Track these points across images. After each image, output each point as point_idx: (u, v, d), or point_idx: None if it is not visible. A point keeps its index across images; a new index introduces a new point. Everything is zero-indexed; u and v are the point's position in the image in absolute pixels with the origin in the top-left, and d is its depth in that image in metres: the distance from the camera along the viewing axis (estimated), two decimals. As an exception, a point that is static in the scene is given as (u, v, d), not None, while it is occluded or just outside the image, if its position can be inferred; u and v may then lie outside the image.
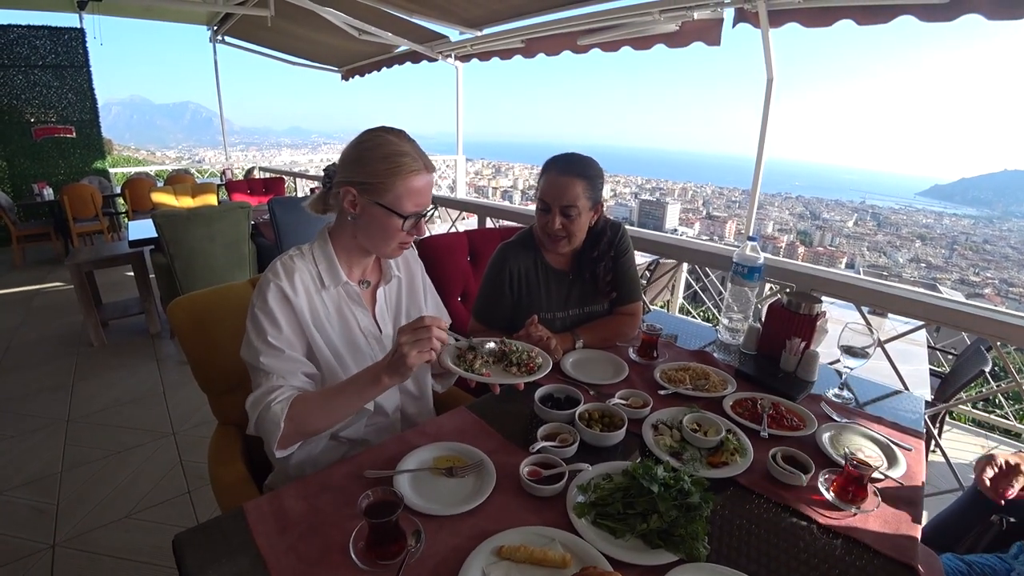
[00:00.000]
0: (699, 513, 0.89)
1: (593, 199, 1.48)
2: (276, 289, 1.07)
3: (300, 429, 0.98)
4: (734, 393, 1.34)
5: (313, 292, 1.12)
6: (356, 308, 1.19)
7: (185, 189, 5.30)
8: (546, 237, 1.52)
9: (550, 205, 1.46)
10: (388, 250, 1.15)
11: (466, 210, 3.45)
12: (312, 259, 1.14)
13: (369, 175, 1.07)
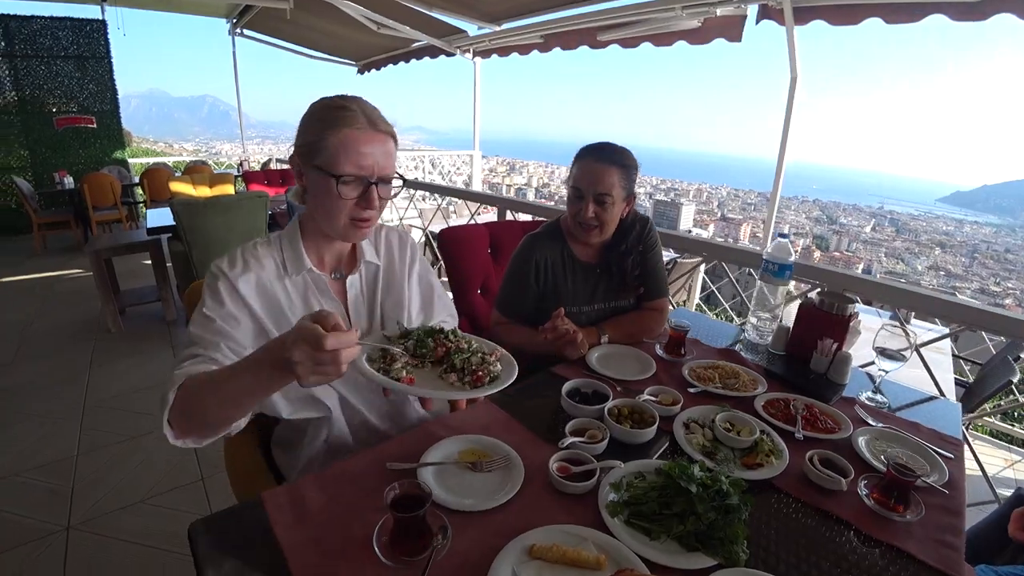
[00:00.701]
0: (737, 516, 0.85)
1: (627, 190, 1.45)
2: (222, 277, 0.99)
3: (189, 409, 0.82)
4: (765, 393, 1.30)
5: (274, 279, 1.03)
6: (324, 299, 1.08)
7: (203, 179, 5.34)
8: (577, 226, 1.48)
9: (584, 192, 1.42)
10: (339, 226, 1.01)
11: (486, 203, 3.39)
12: (279, 246, 1.07)
13: (305, 135, 0.98)
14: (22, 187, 5.84)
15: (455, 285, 1.76)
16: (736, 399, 1.26)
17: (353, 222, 1.00)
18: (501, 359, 1.03)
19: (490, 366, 0.97)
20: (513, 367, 1.00)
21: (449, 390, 0.92)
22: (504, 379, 0.95)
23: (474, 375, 0.94)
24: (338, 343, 0.67)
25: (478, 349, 1.02)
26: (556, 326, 1.30)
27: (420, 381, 0.93)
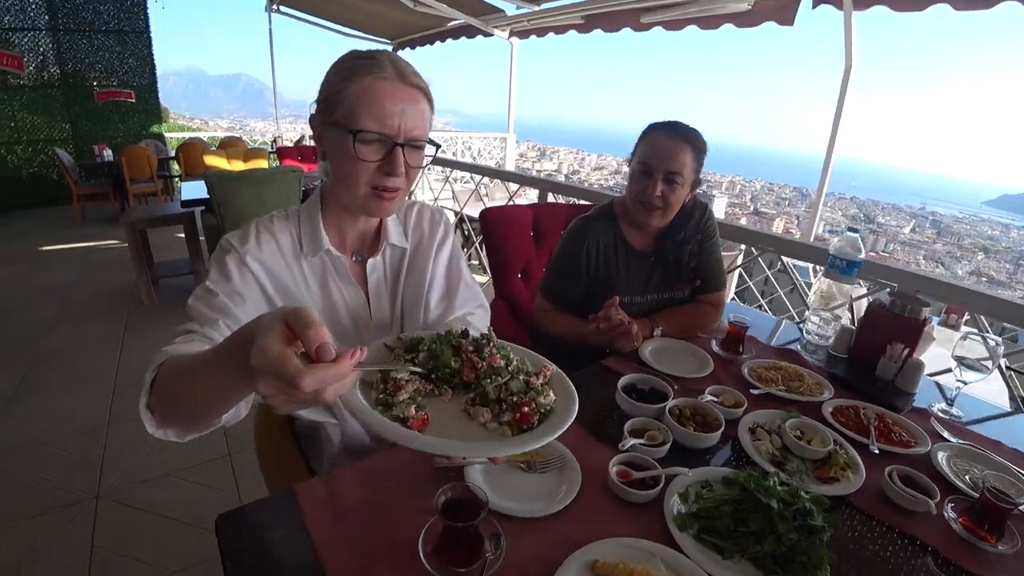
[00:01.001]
0: (820, 537, 0.75)
1: (696, 173, 1.36)
2: (231, 251, 0.88)
3: (164, 396, 0.66)
4: (832, 399, 1.19)
5: (290, 257, 0.92)
6: (343, 284, 0.97)
7: (237, 153, 5.37)
8: (638, 207, 1.38)
9: (653, 169, 1.32)
10: (358, 196, 0.87)
11: (527, 185, 3.27)
12: (297, 221, 0.95)
13: (326, 89, 0.85)
14: (63, 159, 5.97)
15: (495, 268, 1.68)
16: (801, 404, 1.16)
17: (375, 192, 0.86)
18: (553, 381, 0.77)
19: (539, 396, 0.71)
20: (571, 396, 0.74)
21: (479, 439, 0.66)
22: (561, 417, 0.69)
23: (517, 411, 0.68)
24: (318, 383, 0.47)
25: (519, 368, 0.76)
26: (610, 315, 1.21)
27: (437, 419, 0.68)
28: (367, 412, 0.65)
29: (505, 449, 0.64)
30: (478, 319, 1.11)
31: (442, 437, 0.64)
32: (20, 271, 4.41)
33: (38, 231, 5.71)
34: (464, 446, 0.64)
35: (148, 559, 1.69)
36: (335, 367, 0.48)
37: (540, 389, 0.72)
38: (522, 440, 0.65)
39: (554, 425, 0.68)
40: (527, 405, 0.68)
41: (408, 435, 0.63)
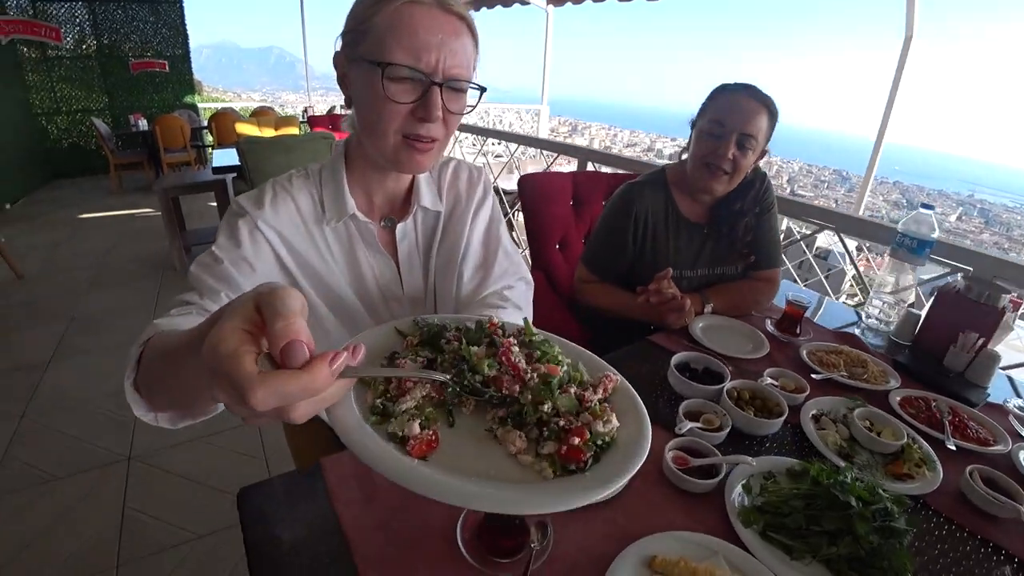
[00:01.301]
0: (901, 541, 0.67)
1: (766, 141, 1.25)
2: (243, 214, 0.77)
3: (147, 375, 0.55)
4: (900, 389, 1.08)
5: (310, 222, 0.82)
6: (372, 253, 0.86)
7: (269, 121, 5.38)
8: (702, 171, 1.27)
9: (727, 130, 1.21)
10: (387, 146, 0.74)
11: (566, 153, 3.12)
12: (318, 181, 0.84)
13: (352, 22, 0.73)
14: (100, 128, 6.09)
15: (532, 238, 1.59)
16: (866, 392, 1.06)
17: (407, 141, 0.73)
18: (617, 395, 0.57)
19: (596, 420, 0.50)
20: (641, 420, 0.53)
21: (507, 478, 0.47)
22: (626, 455, 0.48)
23: (563, 441, 0.48)
24: (276, 398, 0.33)
25: (571, 375, 0.57)
26: (661, 288, 1.11)
27: (450, 441, 0.50)
28: (349, 425, 0.46)
29: (540, 501, 0.43)
30: (518, 294, 0.96)
31: (453, 470, 0.45)
32: (60, 238, 4.53)
33: (78, 199, 5.85)
34: (479, 492, 0.42)
35: (177, 522, 1.71)
36: (302, 378, 0.34)
37: (597, 410, 0.51)
38: (567, 488, 0.44)
39: (616, 467, 0.46)
40: (578, 434, 0.48)
41: (402, 466, 0.43)
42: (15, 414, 2.20)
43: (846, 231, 1.79)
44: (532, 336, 0.62)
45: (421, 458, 0.46)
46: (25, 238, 4.44)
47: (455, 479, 0.43)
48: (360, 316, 0.86)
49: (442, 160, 0.95)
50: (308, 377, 0.34)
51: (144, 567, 1.55)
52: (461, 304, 0.92)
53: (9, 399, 2.30)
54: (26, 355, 2.66)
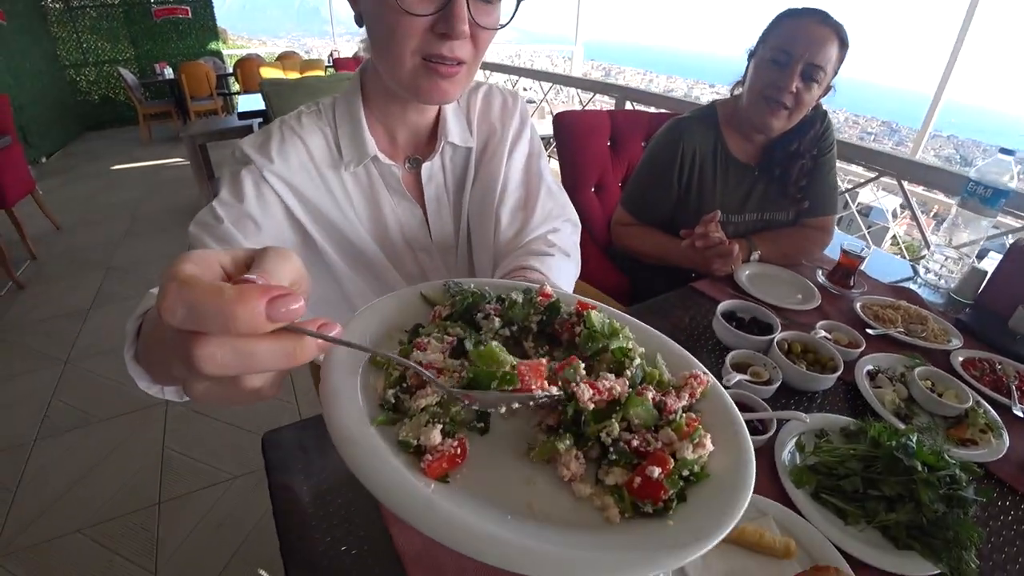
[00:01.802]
0: (966, 511, 0.61)
1: (835, 73, 1.12)
2: (247, 163, 0.69)
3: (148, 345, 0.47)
4: (961, 349, 0.99)
5: (325, 167, 0.72)
6: (397, 199, 0.76)
7: (293, 65, 5.30)
8: (760, 104, 1.14)
9: (794, 57, 1.08)
10: (404, 71, 0.63)
11: (603, 92, 2.94)
12: (331, 119, 0.74)
13: None
14: (127, 78, 6.09)
15: (566, 180, 1.50)
16: (925, 351, 0.98)
17: (427, 65, 0.62)
18: (704, 403, 0.43)
19: (681, 442, 0.37)
20: (741, 442, 0.39)
21: (560, 518, 0.34)
22: (725, 492, 0.35)
23: (637, 470, 0.35)
24: (187, 307, 0.25)
25: (645, 373, 0.43)
26: (708, 232, 1.03)
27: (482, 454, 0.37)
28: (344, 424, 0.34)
29: (607, 565, 0.29)
30: (565, 237, 0.85)
31: (483, 502, 0.33)
32: (94, 190, 4.61)
33: (110, 151, 5.92)
34: (522, 548, 0.29)
35: (214, 463, 1.77)
36: (223, 291, 0.25)
37: (683, 425, 0.38)
38: (644, 542, 0.32)
39: (711, 512, 0.34)
40: (659, 462, 0.35)
41: (414, 497, 0.31)
42: (60, 359, 2.29)
43: (909, 178, 1.64)
44: (592, 328, 0.44)
45: (441, 476, 0.34)
46: (61, 191, 4.54)
47: (486, 521, 0.31)
48: (385, 271, 0.77)
49: (471, 86, 0.82)
50: (233, 294, 0.25)
51: (185, 504, 1.62)
52: (500, 252, 0.81)
53: (54, 345, 2.39)
54: (68, 303, 2.75)
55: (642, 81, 58.85)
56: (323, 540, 0.54)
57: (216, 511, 1.60)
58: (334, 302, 0.77)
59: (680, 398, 0.40)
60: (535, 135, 0.87)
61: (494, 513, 0.32)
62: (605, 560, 0.29)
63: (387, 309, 0.47)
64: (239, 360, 0.26)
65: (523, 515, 0.33)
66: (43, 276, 3.06)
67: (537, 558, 0.29)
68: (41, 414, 1.98)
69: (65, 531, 1.53)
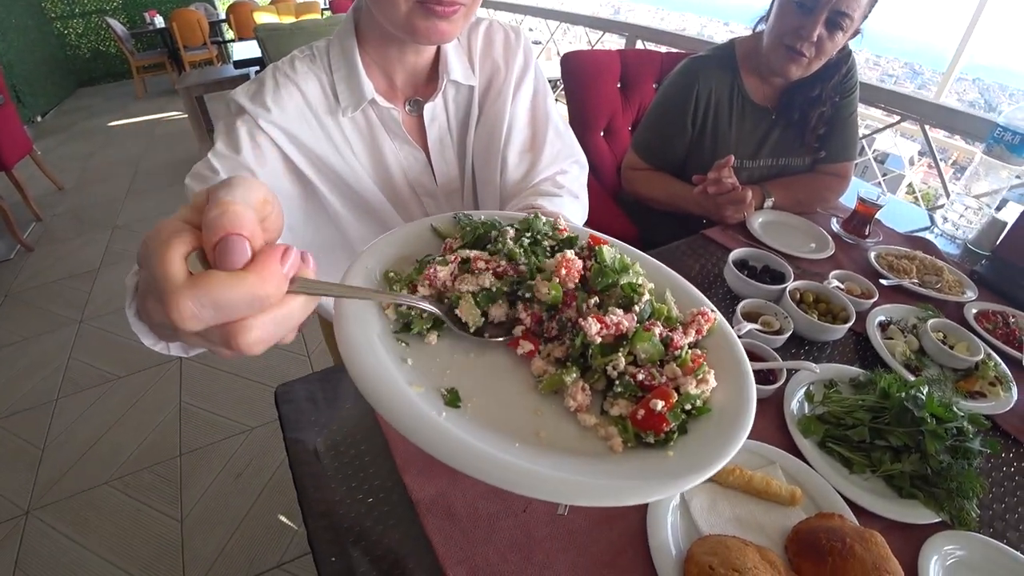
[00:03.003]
0: (971, 462, 0.62)
1: (863, 18, 1.05)
2: (240, 113, 0.67)
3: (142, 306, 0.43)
4: (976, 301, 0.98)
5: (322, 113, 0.70)
6: (398, 144, 0.75)
7: (288, 8, 5.09)
8: (779, 50, 1.08)
9: (820, 2, 1.01)
10: (397, 12, 0.61)
11: (613, 31, 2.79)
12: (326, 63, 0.71)
13: None
14: (116, 29, 5.84)
15: (574, 123, 1.44)
16: (939, 302, 0.97)
17: (423, 8, 0.60)
18: (711, 340, 0.44)
19: (690, 373, 0.39)
20: (743, 378, 0.40)
21: (568, 448, 0.35)
22: (725, 426, 0.36)
23: (641, 403, 0.37)
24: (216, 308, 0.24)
25: (654, 309, 0.43)
26: (720, 178, 1.00)
27: (489, 383, 0.39)
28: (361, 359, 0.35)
29: (608, 489, 0.31)
30: (572, 179, 0.84)
31: (490, 428, 0.35)
32: (93, 147, 4.53)
33: (105, 107, 5.78)
34: (525, 471, 0.31)
35: (231, 415, 1.82)
36: (246, 279, 0.24)
37: (689, 361, 0.39)
38: (644, 471, 0.33)
39: (710, 444, 0.35)
40: (662, 395, 0.36)
41: (427, 423, 0.33)
42: (75, 319, 2.33)
43: (932, 123, 1.56)
44: (603, 263, 0.45)
45: (451, 405, 0.35)
46: (60, 149, 4.47)
47: (493, 446, 0.32)
48: (389, 217, 0.76)
49: (471, 22, 0.78)
50: (255, 279, 0.24)
51: (204, 455, 1.68)
52: (507, 194, 0.81)
53: (69, 306, 2.43)
54: (78, 263, 2.77)
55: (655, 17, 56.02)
56: (338, 490, 0.56)
57: (235, 461, 1.66)
58: (339, 247, 0.77)
59: (687, 335, 0.41)
60: (540, 73, 0.84)
61: (502, 440, 0.33)
62: (607, 486, 0.31)
63: (397, 242, 0.47)
64: (281, 328, 0.27)
65: (530, 443, 0.34)
66: (50, 237, 3.06)
67: (539, 481, 0.30)
68: (61, 373, 2.03)
69: (94, 483, 1.61)
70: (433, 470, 0.57)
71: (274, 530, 1.48)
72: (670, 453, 0.34)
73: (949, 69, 2.86)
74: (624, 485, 0.31)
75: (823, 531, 0.50)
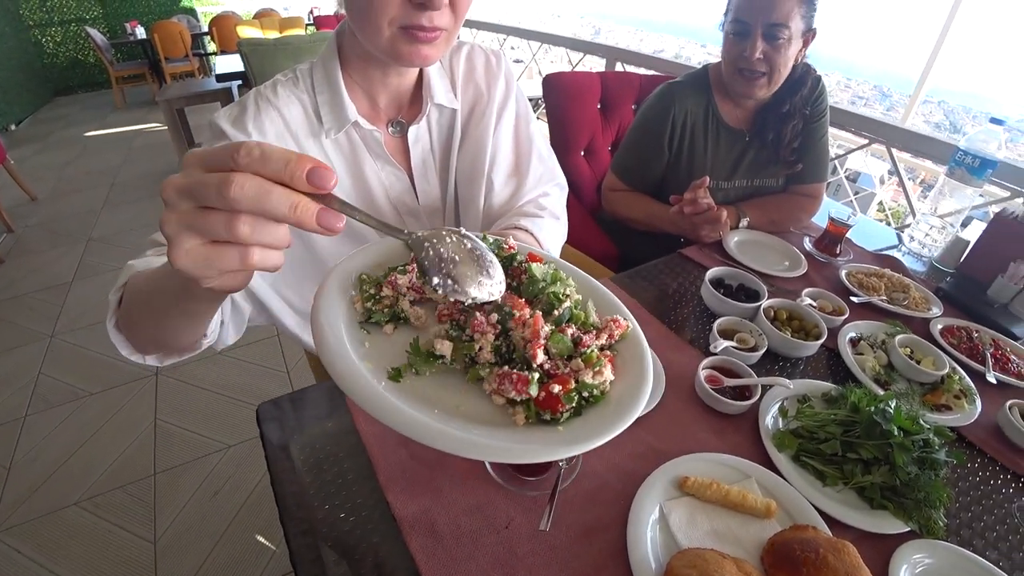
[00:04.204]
0: (938, 473, 0.65)
1: (807, 22, 1.09)
2: (221, 136, 0.68)
3: (128, 317, 0.54)
4: (942, 317, 1.02)
5: (303, 136, 0.71)
6: (381, 164, 0.76)
7: (272, 23, 5.10)
8: (736, 75, 1.15)
9: (749, 25, 1.08)
10: (381, 39, 0.62)
11: (592, 52, 2.86)
12: (309, 86, 0.73)
13: None
14: (96, 38, 5.78)
15: (555, 144, 1.48)
16: (906, 318, 1.00)
17: (405, 32, 0.61)
18: (624, 344, 0.49)
19: (589, 367, 0.44)
20: (642, 378, 0.45)
21: (481, 420, 0.42)
22: (614, 413, 0.42)
23: (543, 387, 0.42)
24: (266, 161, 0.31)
25: (571, 315, 0.50)
26: (696, 198, 1.04)
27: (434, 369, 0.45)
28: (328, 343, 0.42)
29: (499, 449, 0.38)
30: (554, 201, 0.89)
31: (422, 400, 0.42)
32: (69, 157, 4.45)
33: (83, 117, 5.70)
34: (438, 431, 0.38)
35: (207, 433, 1.78)
36: (290, 155, 0.31)
37: (593, 357, 0.45)
38: (531, 439, 0.40)
39: (593, 426, 0.41)
40: (562, 381, 0.42)
41: (370, 390, 0.39)
42: (45, 334, 2.27)
43: (899, 146, 1.64)
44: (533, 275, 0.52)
45: (392, 379, 0.43)
46: (34, 159, 4.38)
47: (415, 411, 0.39)
48: (369, 233, 0.78)
49: (453, 46, 0.82)
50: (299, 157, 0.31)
51: (180, 474, 1.64)
52: (494, 215, 0.84)
53: (40, 320, 2.36)
54: (50, 276, 2.70)
55: (634, 38, 57.37)
56: (321, 507, 0.56)
57: (212, 480, 1.62)
58: (308, 263, 0.77)
59: (599, 338, 0.48)
60: (522, 97, 0.87)
61: (424, 407, 0.40)
62: (494, 446, 0.38)
63: (376, 252, 0.54)
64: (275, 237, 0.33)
65: (449, 413, 0.41)
66: (22, 249, 2.98)
67: (445, 438, 0.37)
68: (30, 389, 1.96)
69: (63, 504, 1.55)
70: (416, 488, 0.57)
71: (252, 550, 1.44)
72: (560, 429, 0.41)
73: (915, 92, 2.99)
74: (509, 447, 0.38)
75: (797, 542, 0.52)
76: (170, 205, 0.32)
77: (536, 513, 0.55)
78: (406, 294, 0.48)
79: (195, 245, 0.32)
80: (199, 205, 0.31)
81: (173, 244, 0.32)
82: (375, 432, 0.64)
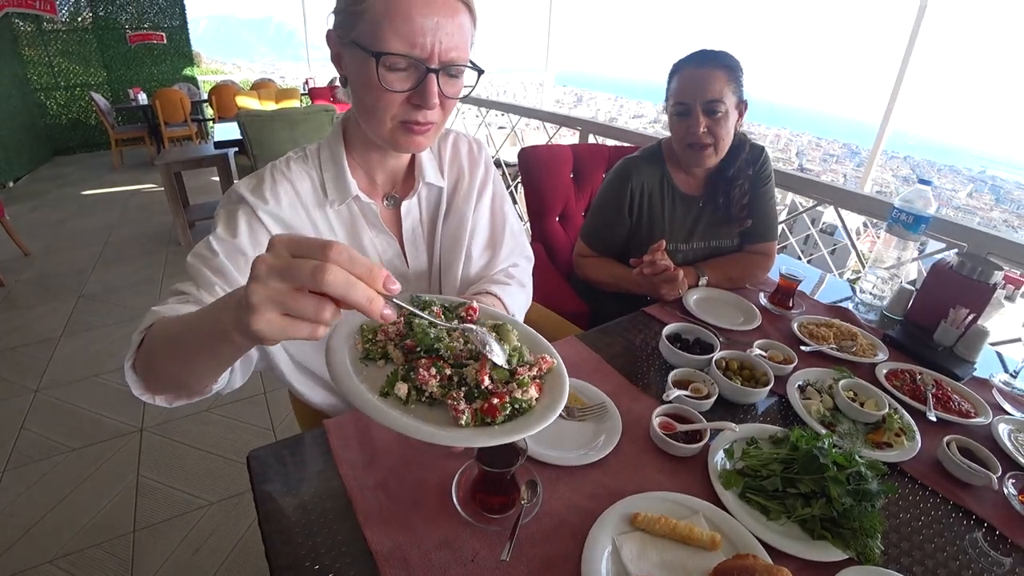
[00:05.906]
0: (873, 504, 0.70)
1: (737, 95, 1.25)
2: (242, 203, 0.77)
3: (149, 360, 0.60)
4: (886, 362, 1.11)
5: (311, 206, 0.82)
6: (376, 233, 0.87)
7: (269, 94, 5.35)
8: (686, 150, 1.29)
9: (691, 105, 1.23)
10: (383, 131, 0.75)
11: (567, 125, 3.10)
12: (317, 163, 0.84)
13: (345, 1, 0.71)
14: (100, 103, 6.03)
15: (532, 210, 1.62)
16: (854, 364, 1.09)
17: (404, 126, 0.74)
18: (548, 377, 0.65)
19: (518, 389, 0.59)
20: (556, 400, 0.60)
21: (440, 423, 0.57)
22: (531, 421, 0.57)
23: (487, 400, 0.57)
24: (351, 260, 0.39)
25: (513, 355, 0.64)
26: (655, 260, 1.14)
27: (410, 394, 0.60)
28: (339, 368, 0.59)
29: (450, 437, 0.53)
30: (521, 271, 1.03)
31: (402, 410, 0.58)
32: (65, 215, 4.55)
33: (80, 176, 5.85)
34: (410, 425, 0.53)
35: (189, 490, 1.78)
36: (371, 264, 0.41)
37: (525, 382, 0.60)
38: (473, 432, 0.55)
39: (518, 426, 0.56)
40: (499, 396, 0.57)
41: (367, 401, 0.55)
42: (30, 388, 2.27)
43: (845, 206, 1.80)
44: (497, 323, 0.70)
45: (382, 394, 0.59)
46: (31, 215, 4.47)
47: (399, 414, 0.55)
48: None
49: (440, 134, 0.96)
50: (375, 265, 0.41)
51: (160, 531, 1.63)
52: (469, 281, 0.96)
53: (24, 374, 2.37)
54: (38, 331, 2.72)
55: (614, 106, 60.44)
56: (305, 544, 0.61)
57: (192, 537, 1.61)
58: None
59: (531, 369, 0.63)
60: (499, 180, 1.01)
61: (403, 413, 0.56)
62: (450, 435, 0.53)
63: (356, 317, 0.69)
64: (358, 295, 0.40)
65: (419, 416, 0.56)
66: (12, 303, 3.01)
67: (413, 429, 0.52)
68: (11, 444, 1.95)
69: (37, 562, 1.52)
70: (391, 525, 0.62)
71: (230, 609, 1.42)
72: (496, 427, 0.56)
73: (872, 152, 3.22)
74: (461, 436, 0.54)
75: (737, 569, 0.57)
76: (259, 279, 0.39)
77: (500, 547, 0.60)
78: (393, 339, 0.64)
79: (275, 316, 0.40)
80: (291, 286, 0.39)
81: (256, 312, 0.39)
82: (355, 475, 0.69)
